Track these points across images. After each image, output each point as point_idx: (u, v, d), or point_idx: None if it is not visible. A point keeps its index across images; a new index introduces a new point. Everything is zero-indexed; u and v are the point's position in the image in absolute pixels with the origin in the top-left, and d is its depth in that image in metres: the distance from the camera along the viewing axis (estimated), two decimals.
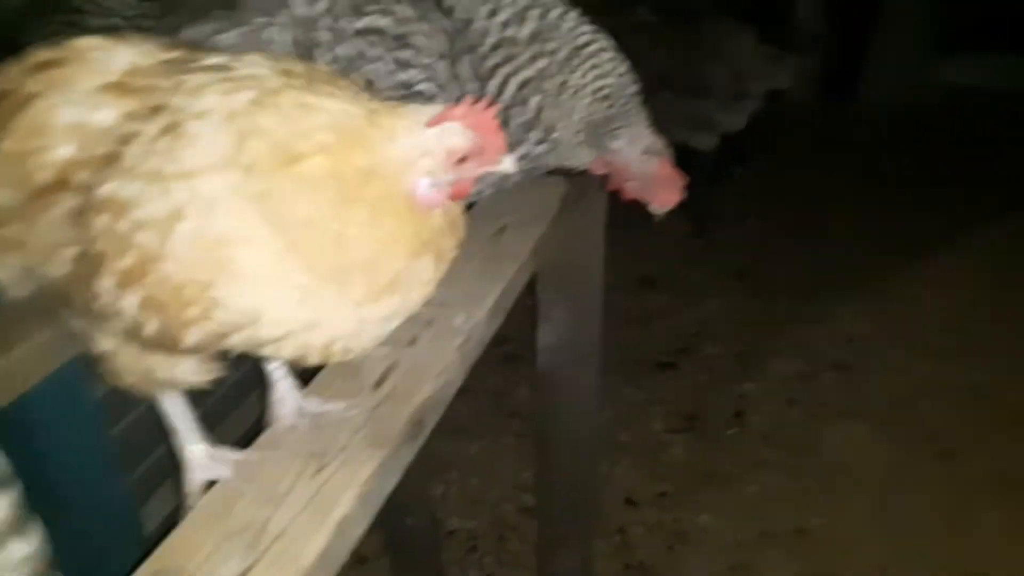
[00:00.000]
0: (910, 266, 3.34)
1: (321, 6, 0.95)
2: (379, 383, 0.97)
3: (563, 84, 1.04)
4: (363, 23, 0.94)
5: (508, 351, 2.78)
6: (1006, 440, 2.53)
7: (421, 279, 0.79)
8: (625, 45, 1.13)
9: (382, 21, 0.94)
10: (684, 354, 2.94)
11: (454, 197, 0.79)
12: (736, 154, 3.93)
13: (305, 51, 0.95)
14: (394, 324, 0.81)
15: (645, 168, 1.15)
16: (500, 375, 2.73)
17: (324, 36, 0.95)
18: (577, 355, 1.74)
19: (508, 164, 0.79)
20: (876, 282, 3.25)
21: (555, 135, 1.07)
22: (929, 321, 3.04)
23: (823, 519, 2.32)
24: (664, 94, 1.15)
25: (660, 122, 1.17)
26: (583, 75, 1.05)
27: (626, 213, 3.63)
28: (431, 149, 0.75)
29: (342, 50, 0.94)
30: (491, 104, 0.77)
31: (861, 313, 3.09)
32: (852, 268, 3.34)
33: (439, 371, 1.00)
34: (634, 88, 1.12)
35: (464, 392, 2.80)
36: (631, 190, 1.19)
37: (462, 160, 0.76)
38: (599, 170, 1.18)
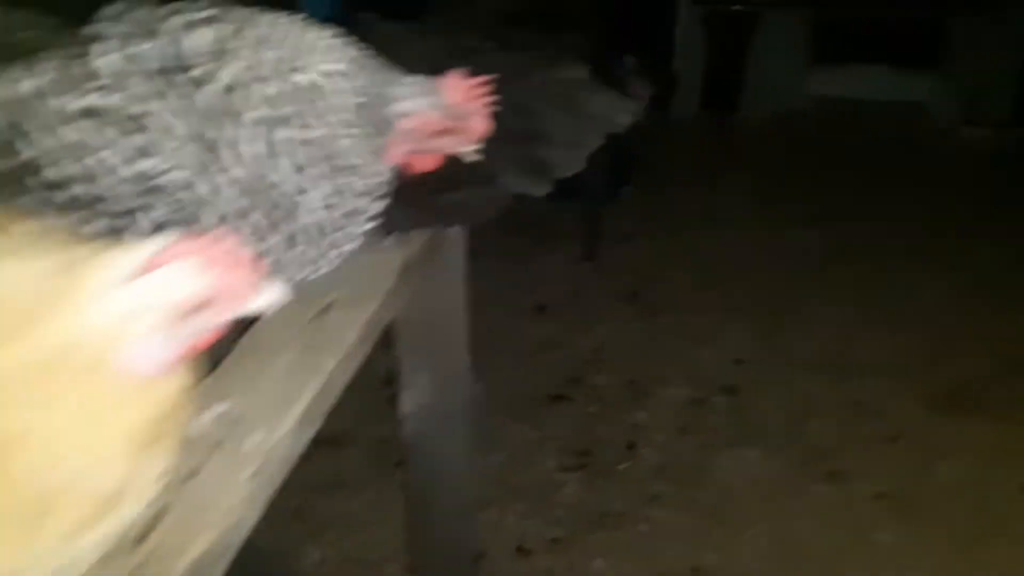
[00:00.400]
0: (794, 281, 3.29)
1: (29, 85, 0.72)
2: (142, 537, 0.75)
3: (315, 86, 0.82)
4: (85, 102, 0.71)
5: (394, 392, 2.56)
6: (892, 458, 2.47)
7: (151, 477, 0.57)
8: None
9: (110, 99, 0.72)
10: (576, 385, 2.78)
11: (193, 352, 0.57)
12: (624, 174, 3.83)
13: (8, 142, 0.71)
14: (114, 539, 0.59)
15: (444, 109, 0.94)
16: (385, 420, 2.50)
17: (34, 122, 0.71)
18: (445, 419, 1.55)
19: (270, 296, 0.58)
20: (762, 299, 3.18)
21: (340, 146, 0.84)
22: (814, 337, 2.97)
23: (718, 554, 2.20)
24: (492, 135, 0.97)
25: (490, 165, 0.99)
26: (329, 69, 0.83)
27: (516, 241, 3.46)
28: (152, 303, 0.53)
29: (57, 138, 0.71)
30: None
31: (748, 332, 3.00)
32: (738, 285, 3.26)
33: (223, 512, 0.79)
34: (378, 60, 0.92)
35: (343, 441, 2.59)
36: (442, 147, 0.97)
37: (198, 308, 0.55)
38: (404, 150, 0.95)
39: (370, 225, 0.94)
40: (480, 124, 0.94)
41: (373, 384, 2.21)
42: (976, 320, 3.00)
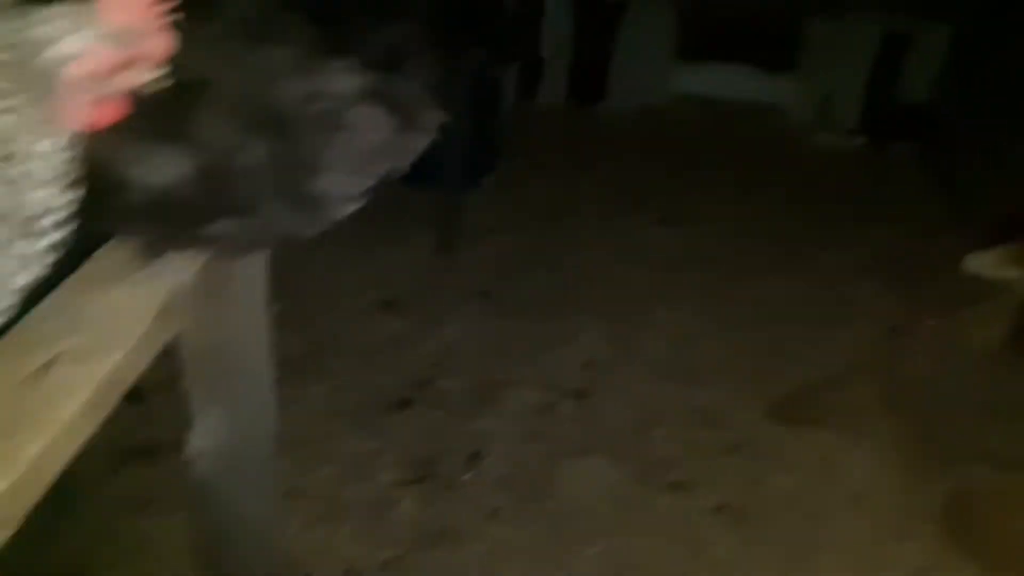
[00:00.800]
0: (649, 281, 3.23)
1: None
2: None
3: None
4: None
5: None
6: (732, 468, 2.44)
7: None
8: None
9: None
10: (421, 389, 2.60)
11: None
12: (486, 162, 3.66)
13: None
14: None
15: (114, 37, 0.69)
16: None
17: None
18: (243, 459, 1.33)
19: None
20: (616, 300, 3.10)
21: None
22: (663, 340, 2.92)
23: (557, 572, 2.09)
24: (255, 152, 0.75)
25: (249, 194, 0.78)
26: None
27: (363, 230, 3.23)
28: None
29: None
30: None
31: (601, 334, 2.91)
32: (595, 285, 3.17)
33: None
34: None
35: (158, 453, 2.31)
36: (122, 84, 0.72)
37: None
38: (83, 105, 0.70)
39: (57, 232, 0.68)
40: (160, 43, 0.70)
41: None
42: (816, 325, 3.03)
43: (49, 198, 0.65)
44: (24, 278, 0.65)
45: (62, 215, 0.67)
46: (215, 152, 0.75)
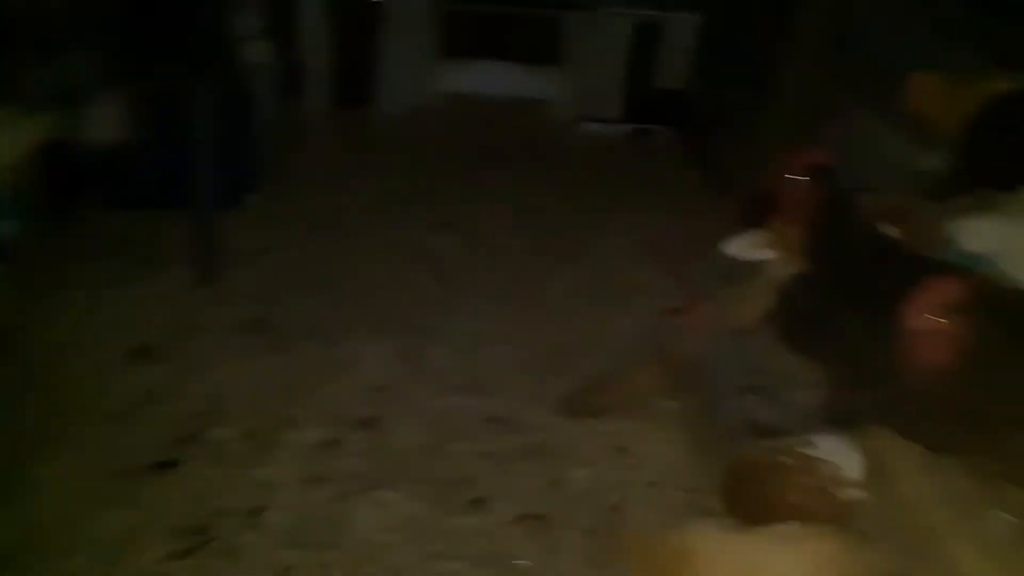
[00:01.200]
0: (434, 292, 3.13)
1: None
2: None
3: None
4: None
5: None
6: (529, 474, 2.38)
7: None
8: None
9: None
10: (188, 444, 2.31)
11: None
12: (248, 179, 3.38)
13: None
14: None
15: None
16: None
17: None
18: None
19: None
20: (402, 315, 2.97)
21: None
22: (452, 351, 2.82)
23: None
24: None
25: None
26: None
27: (109, 265, 2.84)
28: None
29: None
30: None
31: (386, 353, 2.76)
32: (376, 300, 3.01)
33: None
34: None
35: None
36: None
37: None
38: None
39: None
40: None
41: None
42: (598, 315, 3.07)
43: None
44: None
45: None
46: None
